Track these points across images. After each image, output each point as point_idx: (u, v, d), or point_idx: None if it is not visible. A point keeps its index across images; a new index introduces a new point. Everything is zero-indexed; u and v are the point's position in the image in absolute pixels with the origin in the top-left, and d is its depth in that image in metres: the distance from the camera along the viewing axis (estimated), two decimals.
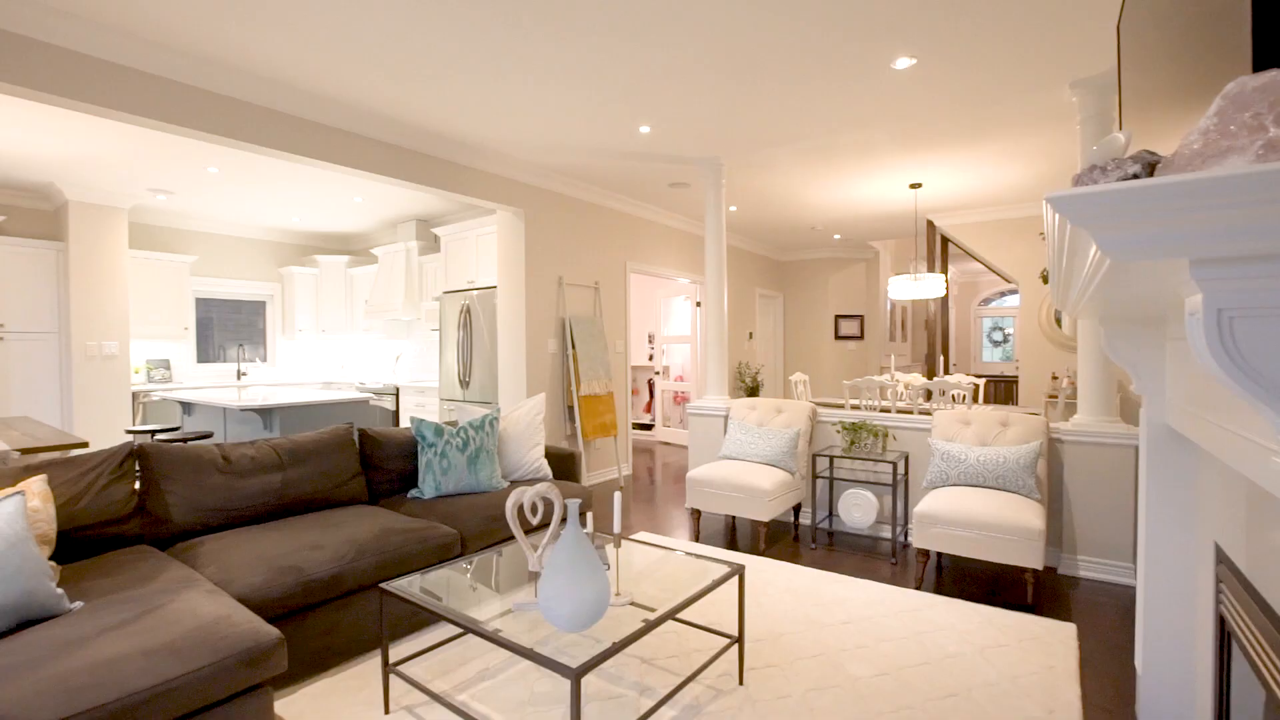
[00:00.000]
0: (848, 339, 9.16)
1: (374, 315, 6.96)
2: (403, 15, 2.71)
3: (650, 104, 3.70)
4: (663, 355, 8.28)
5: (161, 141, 4.38)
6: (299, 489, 2.86)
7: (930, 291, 5.74)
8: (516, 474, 3.47)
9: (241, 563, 2.23)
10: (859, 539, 4.03)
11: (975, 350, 12.24)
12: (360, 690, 2.21)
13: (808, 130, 4.16)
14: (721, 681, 2.25)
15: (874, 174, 5.20)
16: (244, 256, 7.46)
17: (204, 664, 1.61)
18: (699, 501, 3.94)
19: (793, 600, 2.97)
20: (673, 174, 5.21)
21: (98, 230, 5.61)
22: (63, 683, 1.43)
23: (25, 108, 3.76)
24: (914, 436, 3.97)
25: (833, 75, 3.32)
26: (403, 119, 3.91)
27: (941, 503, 3.11)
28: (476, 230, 5.88)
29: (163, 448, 2.59)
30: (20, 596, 1.65)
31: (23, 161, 4.79)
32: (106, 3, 2.60)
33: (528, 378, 5.09)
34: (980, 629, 2.67)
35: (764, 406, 4.36)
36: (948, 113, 3.84)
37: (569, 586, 1.65)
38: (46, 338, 5.57)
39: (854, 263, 9.14)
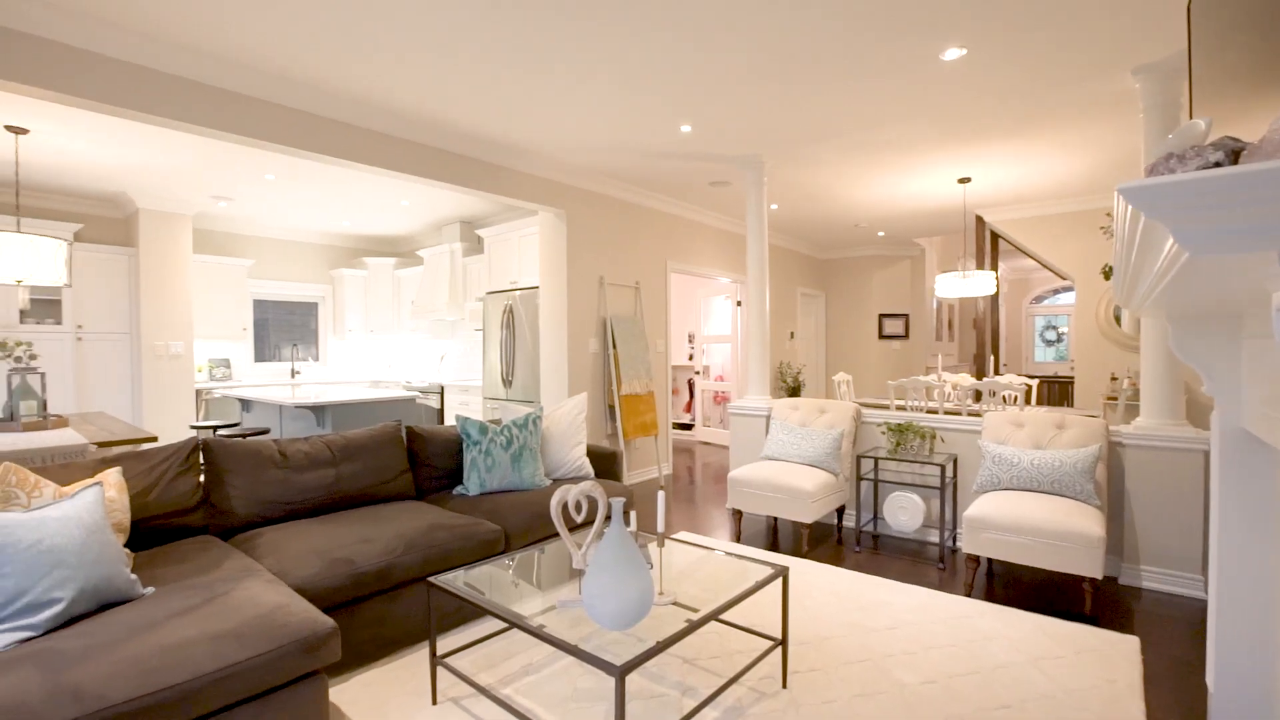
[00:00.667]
0: (892, 338, 8.95)
1: (420, 315, 7.13)
2: (450, 24, 2.77)
3: (692, 102, 3.69)
4: (703, 355, 8.24)
5: (223, 151, 4.59)
6: (350, 484, 2.96)
7: (979, 289, 5.56)
8: (559, 472, 3.51)
9: (297, 554, 2.32)
10: (905, 543, 3.93)
11: (1027, 350, 11.80)
12: (408, 681, 2.27)
13: (852, 125, 4.08)
14: (764, 684, 2.23)
15: (920, 169, 5.07)
16: (297, 259, 7.75)
17: (265, 650, 1.67)
18: (740, 502, 3.91)
19: (836, 604, 2.92)
20: (713, 173, 5.18)
21: (165, 236, 5.92)
22: (137, 664, 1.51)
23: (102, 122, 3.99)
24: (963, 438, 3.85)
25: (879, 69, 3.25)
26: (448, 123, 4.00)
27: (993, 507, 3.01)
28: (519, 231, 5.96)
29: (226, 443, 2.71)
30: (100, 581, 1.75)
31: (98, 173, 5.09)
32: (178, 23, 2.74)
33: (569, 377, 5.14)
34: (1033, 638, 2.57)
35: (806, 407, 4.30)
36: (999, 104, 3.71)
37: (613, 585, 1.66)
38: (119, 338, 5.92)
39: (898, 260, 8.92)
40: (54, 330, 5.57)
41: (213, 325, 6.70)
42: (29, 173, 5.08)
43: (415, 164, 4.07)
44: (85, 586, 1.71)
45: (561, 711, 2.05)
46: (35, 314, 5.57)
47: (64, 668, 1.45)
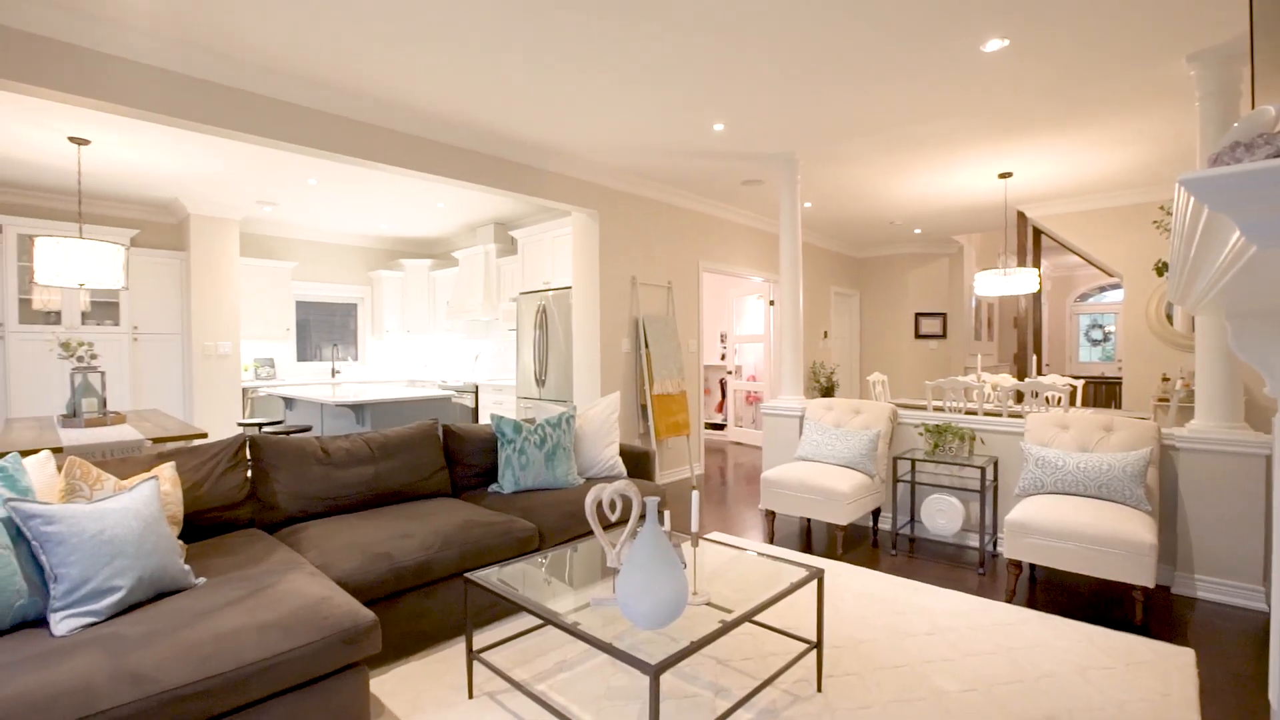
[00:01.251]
0: (929, 338, 8.75)
1: (454, 316, 7.25)
2: (487, 28, 2.82)
3: (725, 101, 3.68)
4: (735, 355, 8.19)
5: (268, 157, 4.74)
6: (389, 481, 3.03)
7: (1021, 287, 5.39)
8: (592, 471, 3.53)
9: (339, 548, 2.38)
10: (943, 547, 3.84)
11: (1070, 350, 11.41)
12: (445, 674, 2.31)
13: (888, 121, 4.01)
14: (799, 687, 2.21)
15: (959, 164, 4.95)
16: (337, 262, 7.97)
17: (309, 641, 1.73)
18: (774, 503, 3.88)
19: (872, 607, 2.87)
20: (746, 171, 5.14)
21: (214, 240, 6.15)
22: (192, 650, 1.57)
23: (157, 131, 4.16)
24: (1004, 440, 3.75)
25: (916, 62, 3.19)
26: (484, 125, 4.06)
27: (1037, 511, 2.92)
28: (552, 232, 6.02)
29: (271, 439, 2.80)
30: (156, 570, 1.83)
31: (153, 180, 5.31)
32: (230, 36, 2.85)
33: (602, 377, 5.16)
34: (1080, 648, 2.49)
35: (841, 407, 4.24)
36: (1043, 95, 3.60)
37: (648, 584, 1.66)
38: (172, 338, 6.17)
39: (936, 258, 8.72)
40: (112, 331, 5.83)
41: (258, 326, 6.94)
42: (90, 181, 5.34)
43: (451, 167, 4.14)
44: (143, 575, 1.79)
45: (595, 709, 2.07)
46: (95, 316, 5.85)
47: (125, 652, 1.52)
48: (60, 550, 1.68)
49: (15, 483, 1.80)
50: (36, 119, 3.92)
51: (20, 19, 2.60)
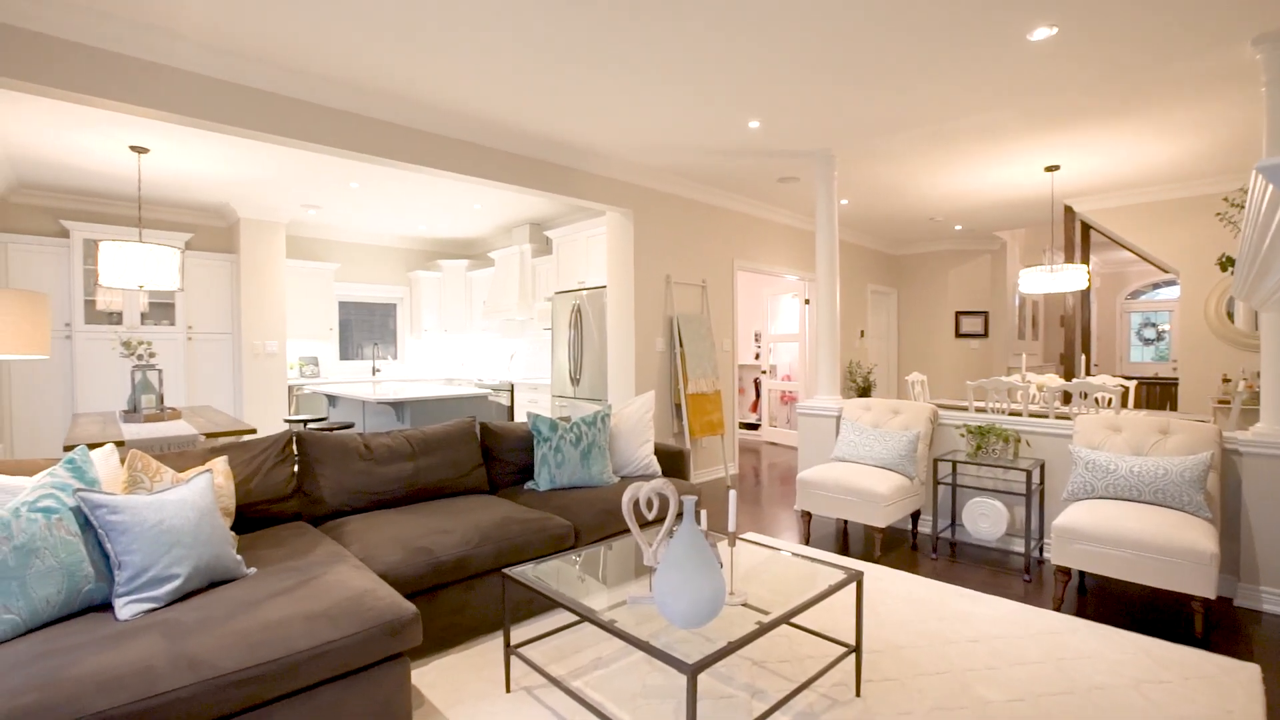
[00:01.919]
0: (970, 337, 8.51)
1: (490, 315, 7.36)
2: (523, 30, 2.85)
3: (760, 97, 3.64)
4: (769, 354, 8.12)
5: (313, 162, 4.89)
6: (428, 477, 3.09)
7: (1069, 284, 5.21)
8: (626, 470, 3.54)
9: (381, 542, 2.44)
10: (986, 551, 3.74)
11: (1121, 349, 10.97)
12: (483, 668, 2.35)
13: (929, 115, 3.92)
14: (837, 691, 2.18)
15: (1003, 158, 4.80)
16: (378, 263, 8.17)
17: (354, 631, 1.77)
18: (810, 504, 3.83)
19: (912, 612, 2.81)
20: (782, 168, 5.09)
21: (262, 243, 6.37)
22: (244, 638, 1.63)
23: (211, 139, 4.34)
24: (1051, 443, 3.62)
25: (958, 53, 3.11)
26: (520, 127, 4.11)
27: (1086, 516, 2.82)
28: (586, 232, 6.05)
29: (317, 435, 2.89)
30: (211, 560, 1.91)
31: (207, 186, 5.53)
32: (276, 45, 2.95)
33: (636, 376, 5.18)
34: (1134, 660, 2.39)
35: (879, 407, 4.16)
36: (1093, 85, 3.47)
37: (685, 583, 1.66)
38: (223, 338, 6.43)
39: (977, 255, 8.48)
40: (169, 330, 6.10)
41: (303, 325, 7.17)
42: (148, 188, 5.59)
43: (488, 168, 4.20)
44: (198, 564, 1.87)
45: (631, 707, 2.07)
46: (153, 316, 6.12)
47: (182, 637, 1.59)
48: (124, 539, 1.76)
49: (83, 474, 1.89)
50: (101, 129, 4.12)
51: (88, 35, 2.74)
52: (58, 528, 1.70)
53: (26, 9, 2.58)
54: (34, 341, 2.03)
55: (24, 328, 1.99)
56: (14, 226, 5.58)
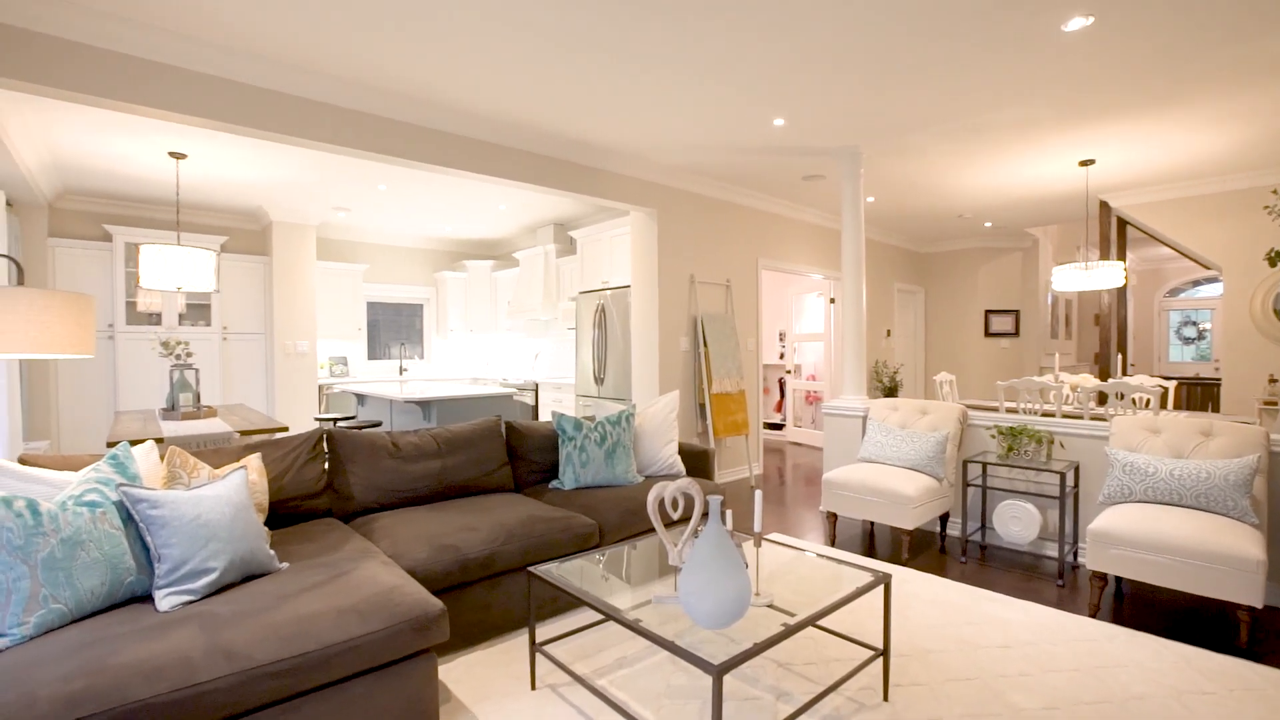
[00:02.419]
0: (1000, 336, 8.34)
1: (515, 315, 7.42)
2: (548, 31, 2.87)
3: (785, 95, 3.61)
4: (794, 353, 8.05)
5: (343, 165, 4.98)
6: (454, 475, 3.13)
7: (1105, 282, 5.06)
8: (651, 469, 3.54)
9: (409, 539, 2.48)
10: (1017, 555, 3.65)
11: (1160, 348, 10.64)
12: (508, 665, 2.37)
13: (959, 109, 3.84)
14: (864, 695, 2.15)
15: (1035, 153, 4.69)
16: (405, 264, 8.29)
17: (383, 626, 1.80)
18: (835, 505, 3.79)
19: (941, 616, 2.76)
20: (807, 166, 5.04)
21: (293, 245, 6.52)
22: (278, 630, 1.67)
23: (246, 144, 4.45)
24: (1086, 444, 3.53)
25: (989, 46, 3.04)
26: (544, 128, 4.14)
27: (1124, 521, 2.74)
28: (610, 232, 6.07)
29: (347, 433, 2.95)
30: (246, 554, 1.95)
31: (241, 190, 5.68)
32: (309, 52, 3.01)
33: (660, 375, 5.17)
34: (1175, 670, 2.31)
35: (907, 407, 4.10)
36: (1130, 76, 3.37)
37: (711, 583, 1.65)
38: (256, 338, 6.59)
39: (1008, 252, 8.30)
40: (205, 331, 6.28)
41: (332, 325, 7.31)
42: (185, 193, 5.75)
43: (514, 169, 4.24)
44: (234, 558, 1.92)
45: (655, 706, 2.07)
46: (190, 317, 6.31)
47: (219, 629, 1.63)
48: (163, 533, 1.82)
49: (125, 469, 1.96)
50: (142, 136, 4.26)
51: (129, 45, 2.83)
52: (102, 521, 1.76)
53: (72, 21, 2.68)
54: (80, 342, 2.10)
55: (71, 328, 2.06)
56: (61, 231, 5.79)
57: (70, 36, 2.72)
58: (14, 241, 5.01)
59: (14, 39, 2.61)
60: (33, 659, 1.46)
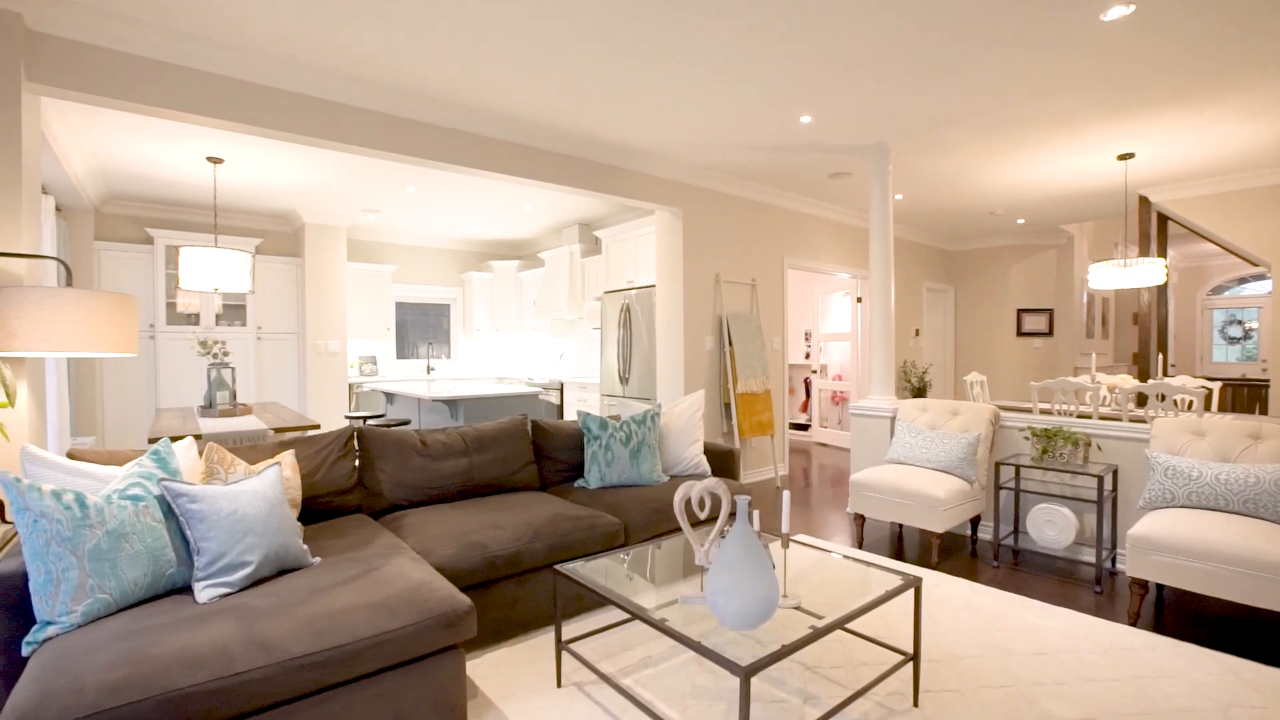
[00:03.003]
0: (1033, 335, 8.13)
1: (541, 315, 7.48)
2: (573, 32, 2.88)
3: (812, 91, 3.57)
4: (820, 353, 7.96)
5: (373, 167, 5.07)
6: (481, 473, 3.16)
7: (1144, 280, 4.90)
8: (676, 469, 3.53)
9: (437, 535, 2.51)
10: (1051, 560, 3.56)
11: (1203, 348, 10.27)
12: (534, 662, 2.39)
13: (992, 103, 3.76)
14: (893, 700, 2.11)
15: (1071, 147, 4.56)
16: (432, 264, 8.41)
17: (412, 622, 1.83)
18: (863, 506, 3.73)
19: (973, 621, 2.70)
20: (834, 164, 4.98)
21: (325, 247, 6.65)
22: (311, 623, 1.70)
23: (280, 148, 4.55)
24: (1125, 447, 3.42)
25: (1023, 38, 2.97)
26: (571, 129, 4.16)
27: (1167, 526, 2.65)
28: (635, 231, 6.08)
29: (377, 432, 3.00)
30: (280, 548, 2.00)
31: (275, 193, 5.81)
32: (342, 58, 3.07)
33: (685, 375, 5.16)
34: (1221, 682, 2.23)
35: (936, 408, 4.02)
36: (1172, 65, 3.26)
37: (738, 584, 1.64)
38: (289, 337, 6.75)
39: (1041, 250, 8.09)
40: (240, 331, 6.45)
41: (362, 325, 7.45)
42: (223, 196, 5.92)
43: (540, 170, 4.27)
44: (269, 552, 1.96)
45: (681, 707, 2.07)
46: (227, 317, 6.48)
47: (255, 621, 1.67)
48: (202, 526, 1.87)
49: (166, 464, 2.02)
50: (181, 142, 4.39)
51: (167, 53, 2.92)
52: (144, 514, 1.82)
53: (118, 31, 2.77)
54: (124, 341, 2.18)
55: (116, 328, 2.14)
56: (106, 235, 6.00)
57: (116, 47, 2.81)
58: (62, 245, 5.21)
59: (64, 51, 2.71)
60: (81, 646, 1.52)
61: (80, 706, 1.34)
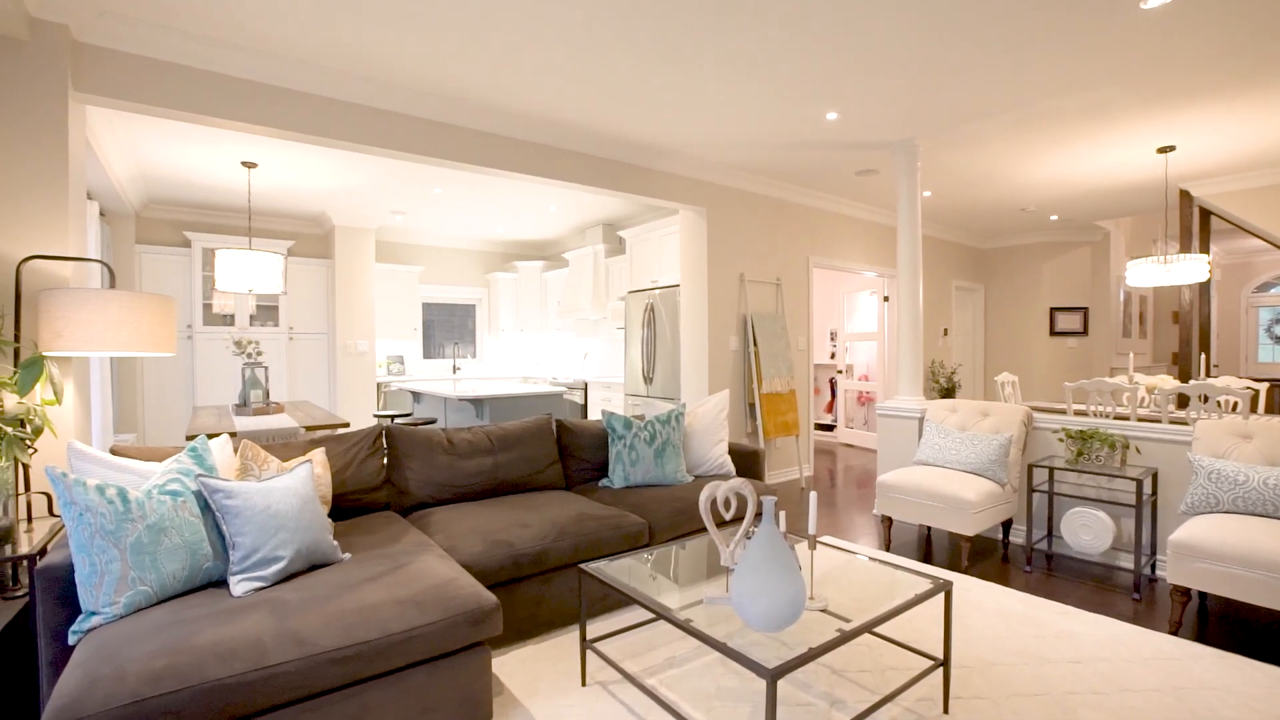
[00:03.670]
0: (1066, 335, 7.93)
1: (565, 315, 7.51)
2: (598, 33, 2.89)
3: (838, 87, 3.53)
4: (845, 353, 7.86)
5: (401, 170, 5.15)
6: (507, 472, 3.18)
7: (1186, 277, 4.74)
8: (700, 469, 3.52)
9: (463, 533, 2.53)
10: (1087, 566, 3.46)
11: (1247, 348, 9.89)
12: (559, 661, 2.40)
13: (1025, 97, 3.67)
14: (922, 706, 2.08)
15: (1109, 140, 4.44)
16: (458, 265, 8.51)
17: (440, 618, 1.85)
18: (890, 508, 3.68)
19: (1005, 627, 2.64)
20: (861, 161, 4.91)
21: (354, 248, 6.78)
22: (342, 618, 1.73)
23: (311, 152, 4.65)
24: (1165, 450, 3.32)
25: (1058, 28, 2.89)
26: (596, 129, 4.17)
27: (1211, 532, 2.56)
28: (660, 231, 6.07)
29: (405, 430, 3.04)
30: (311, 544, 2.04)
31: (305, 197, 5.94)
32: (371, 63, 3.13)
33: (709, 375, 5.14)
34: (1270, 696, 2.15)
35: (966, 409, 3.94)
36: (1216, 53, 3.14)
37: (764, 585, 1.63)
38: (319, 338, 6.89)
39: (1075, 247, 7.88)
40: (273, 331, 6.60)
41: (390, 326, 7.57)
42: (256, 200, 6.06)
43: (565, 170, 4.29)
44: (300, 548, 2.00)
45: (706, 708, 2.06)
46: (260, 318, 6.64)
47: (287, 615, 1.71)
48: (237, 521, 1.91)
49: (203, 460, 2.07)
50: (218, 147, 4.51)
51: (205, 60, 3.00)
52: (182, 509, 1.87)
53: (158, 40, 2.86)
54: (164, 340, 2.25)
55: (155, 328, 2.20)
56: (146, 238, 6.19)
57: (156, 55, 2.90)
58: (106, 248, 5.39)
59: (108, 60, 2.81)
60: (123, 636, 1.57)
61: (122, 694, 1.38)
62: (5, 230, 2.52)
